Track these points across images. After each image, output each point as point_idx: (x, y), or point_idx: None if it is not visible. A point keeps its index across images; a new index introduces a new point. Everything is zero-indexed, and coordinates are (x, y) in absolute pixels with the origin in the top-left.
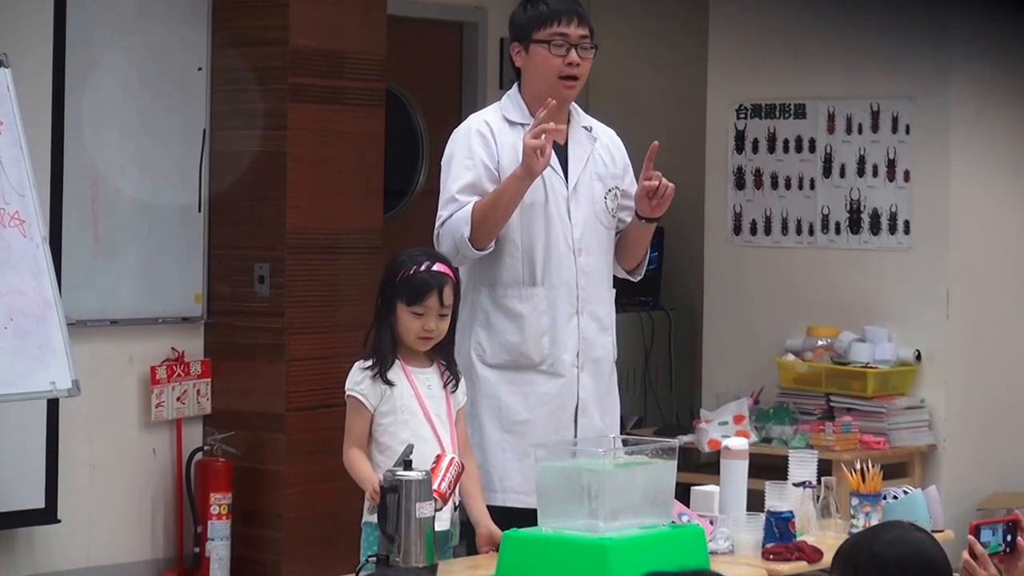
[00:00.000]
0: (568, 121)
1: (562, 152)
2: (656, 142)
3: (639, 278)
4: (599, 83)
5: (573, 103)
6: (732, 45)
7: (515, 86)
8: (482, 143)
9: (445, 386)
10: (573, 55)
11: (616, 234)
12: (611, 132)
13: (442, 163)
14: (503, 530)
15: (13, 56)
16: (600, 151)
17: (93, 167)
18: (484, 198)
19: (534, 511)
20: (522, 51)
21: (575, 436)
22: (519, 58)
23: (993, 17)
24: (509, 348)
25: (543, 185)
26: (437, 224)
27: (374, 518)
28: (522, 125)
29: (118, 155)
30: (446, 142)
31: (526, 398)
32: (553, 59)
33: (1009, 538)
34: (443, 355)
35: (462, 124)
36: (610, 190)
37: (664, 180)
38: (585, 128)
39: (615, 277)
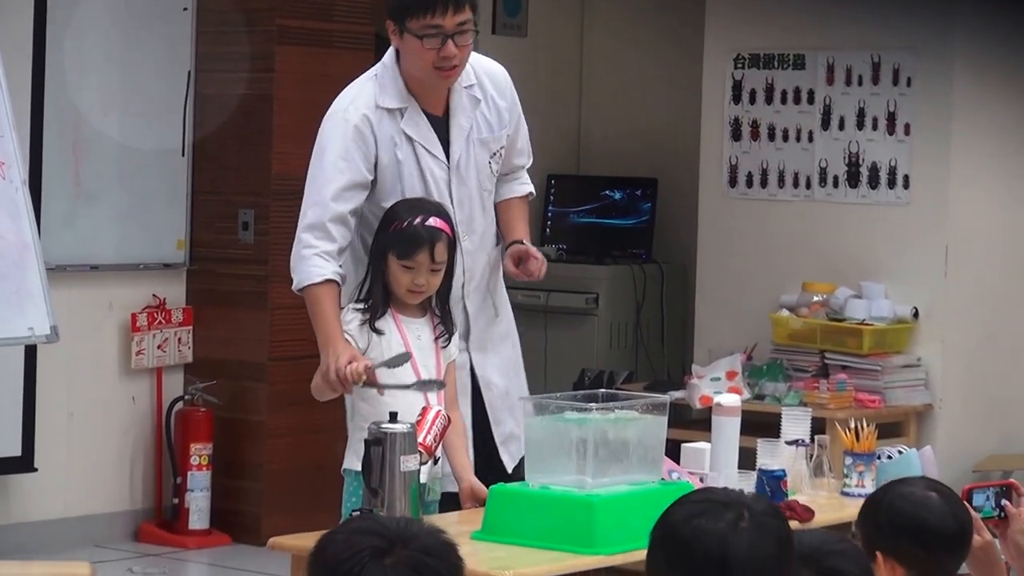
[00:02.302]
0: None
1: (442, 125)
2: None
3: None
4: (595, 27)
5: None
6: None
7: (392, 58)
8: (360, 142)
9: (437, 339)
10: (449, 47)
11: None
12: (497, 73)
13: (315, 150)
14: None
15: None
16: (484, 112)
17: (74, 109)
18: (314, 305)
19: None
20: (396, 32)
21: (484, 410)
22: (394, 38)
23: None
24: None
25: (419, 174)
26: (301, 223)
27: (356, 466)
28: (400, 111)
29: (100, 97)
30: None
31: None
32: (427, 52)
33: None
34: (439, 307)
35: (336, 113)
36: (494, 153)
37: (531, 266)
38: (468, 88)
39: (619, 230)
